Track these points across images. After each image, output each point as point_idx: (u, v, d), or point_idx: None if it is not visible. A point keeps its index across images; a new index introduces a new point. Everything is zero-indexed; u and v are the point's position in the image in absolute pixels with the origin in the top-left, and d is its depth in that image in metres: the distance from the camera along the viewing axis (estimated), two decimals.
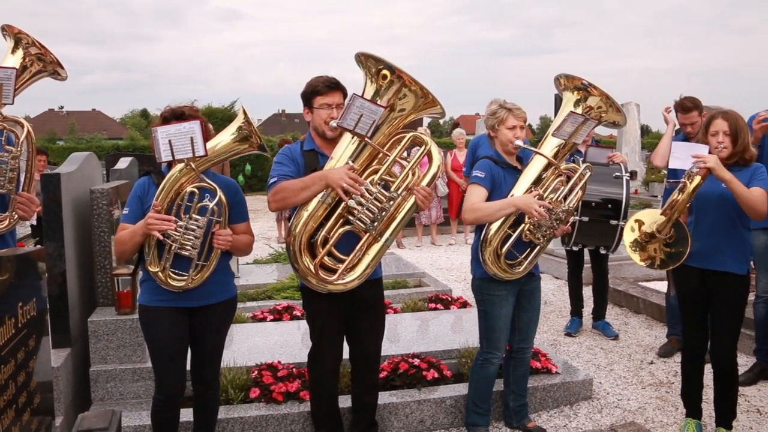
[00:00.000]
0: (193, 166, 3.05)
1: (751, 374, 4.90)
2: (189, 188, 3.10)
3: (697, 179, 3.56)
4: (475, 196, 3.70)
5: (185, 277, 3.13)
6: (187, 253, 3.10)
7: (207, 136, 3.10)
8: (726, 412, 3.85)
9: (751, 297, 4.80)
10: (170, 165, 3.14)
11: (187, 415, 3.62)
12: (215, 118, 19.68)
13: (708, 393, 3.99)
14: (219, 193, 3.13)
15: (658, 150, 5.40)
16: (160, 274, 3.11)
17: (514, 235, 3.67)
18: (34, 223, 7.22)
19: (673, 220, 3.73)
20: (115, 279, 4.22)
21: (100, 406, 4.02)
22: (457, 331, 5.23)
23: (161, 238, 3.04)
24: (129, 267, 4.15)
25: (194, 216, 3.10)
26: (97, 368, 4.15)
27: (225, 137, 3.19)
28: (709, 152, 3.61)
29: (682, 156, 3.65)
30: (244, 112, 3.15)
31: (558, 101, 8.37)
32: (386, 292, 5.43)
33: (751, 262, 3.99)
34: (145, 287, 3.27)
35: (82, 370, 4.27)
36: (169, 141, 2.99)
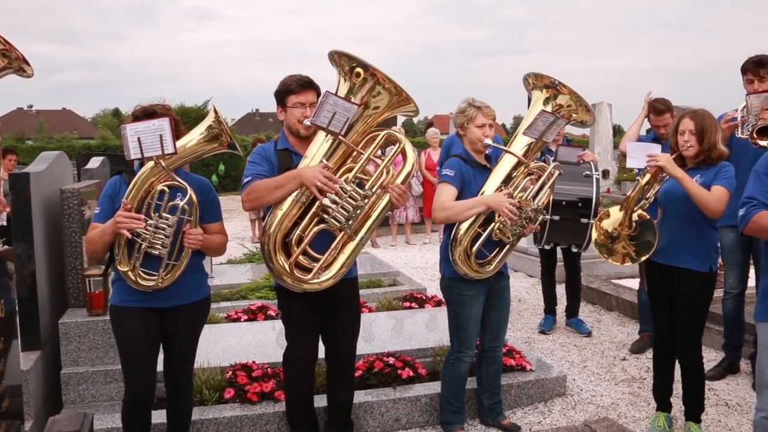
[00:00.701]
0: (163, 164, 3.02)
1: (719, 369, 4.98)
2: (159, 186, 3.07)
3: (648, 176, 3.73)
4: (445, 194, 3.70)
5: (155, 277, 3.10)
6: (157, 252, 3.07)
7: (178, 134, 3.08)
8: (695, 405, 3.92)
9: (720, 293, 4.89)
10: (143, 164, 3.11)
11: (160, 416, 3.59)
12: (188, 118, 19.48)
13: (678, 388, 4.05)
14: (190, 191, 3.10)
15: (626, 134, 5.61)
16: (129, 273, 3.08)
17: (484, 234, 3.68)
18: (4, 223, 7.09)
19: (630, 215, 3.85)
20: (87, 280, 4.16)
21: (71, 409, 3.96)
22: (432, 329, 5.24)
23: (130, 236, 3.01)
24: (100, 267, 4.11)
25: (164, 215, 3.06)
26: (68, 371, 4.09)
27: (195, 135, 3.16)
28: (674, 150, 3.71)
29: (638, 156, 3.87)
30: (215, 111, 3.14)
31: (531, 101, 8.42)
32: (361, 291, 5.43)
33: (720, 259, 4.06)
34: (116, 287, 3.24)
35: (53, 372, 4.21)
36: (138, 138, 2.96)
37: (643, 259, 3.90)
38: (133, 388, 3.22)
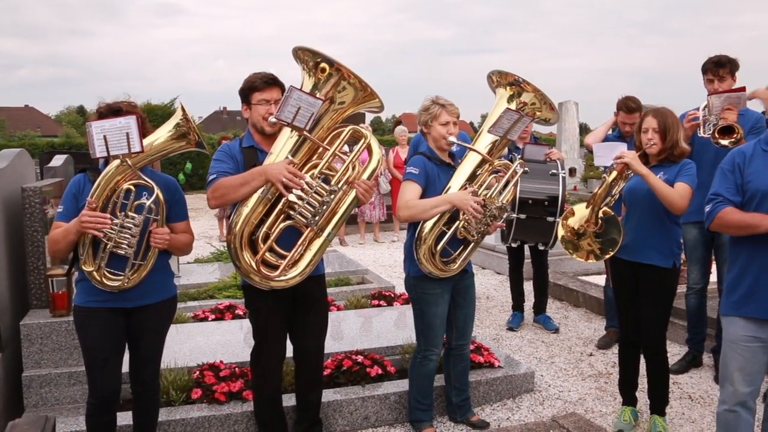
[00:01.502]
0: (129, 162, 2.98)
1: (683, 362, 5.07)
2: (125, 185, 3.02)
3: (614, 174, 3.78)
4: (410, 193, 3.69)
5: (121, 277, 3.05)
6: (123, 252, 3.02)
7: (144, 132, 3.04)
8: (659, 399, 3.98)
9: (683, 289, 4.98)
10: (107, 162, 3.06)
11: (126, 418, 3.55)
12: (155, 116, 19.28)
13: (643, 382, 4.12)
14: (156, 190, 3.06)
15: (593, 133, 5.71)
16: (95, 273, 3.02)
17: (449, 233, 3.69)
18: None
19: (596, 212, 3.89)
20: (50, 280, 4.09)
21: (33, 413, 3.89)
22: (401, 327, 5.25)
23: (99, 235, 2.96)
24: (64, 267, 4.03)
25: (130, 214, 3.02)
26: (30, 373, 4.01)
27: (162, 133, 3.12)
28: (638, 148, 3.79)
29: (604, 154, 3.96)
30: (183, 109, 3.10)
31: None
32: (329, 290, 5.41)
33: (682, 255, 4.13)
34: (80, 287, 3.18)
35: (14, 375, 4.12)
36: (104, 136, 2.91)
37: (607, 256, 3.95)
38: (97, 389, 3.16)
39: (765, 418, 3.18)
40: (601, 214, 3.91)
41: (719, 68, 4.63)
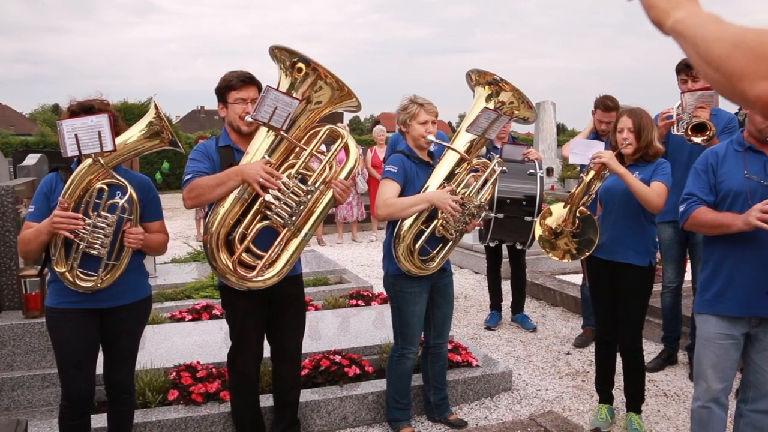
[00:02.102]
0: (101, 161, 2.94)
1: (659, 360, 5.12)
2: (98, 185, 2.99)
3: (592, 173, 3.80)
4: (388, 191, 3.69)
5: (94, 278, 3.01)
6: (96, 252, 2.98)
7: (117, 131, 3.00)
8: (635, 396, 4.01)
9: (659, 287, 5.03)
10: (80, 161, 3.01)
11: (101, 420, 3.50)
12: (131, 114, 19.06)
13: (620, 380, 4.15)
14: (130, 189, 3.02)
15: (576, 137, 5.70)
16: (67, 274, 2.98)
17: (428, 231, 3.69)
18: None
19: (574, 212, 3.90)
20: (22, 281, 4.03)
21: (5, 416, 3.83)
22: (379, 327, 5.25)
23: (70, 236, 2.91)
24: (36, 268, 3.97)
25: (103, 213, 2.98)
26: (2, 376, 3.95)
27: (135, 132, 3.09)
28: (614, 148, 3.81)
29: (581, 152, 3.96)
30: (156, 107, 3.07)
31: None
32: (307, 290, 5.39)
33: (658, 254, 4.17)
34: (52, 288, 3.13)
35: None
36: (76, 135, 2.87)
37: (583, 257, 3.98)
38: (71, 392, 3.11)
39: (737, 414, 3.23)
40: (578, 213, 3.94)
41: (692, 68, 4.69)
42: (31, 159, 5.89)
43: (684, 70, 4.72)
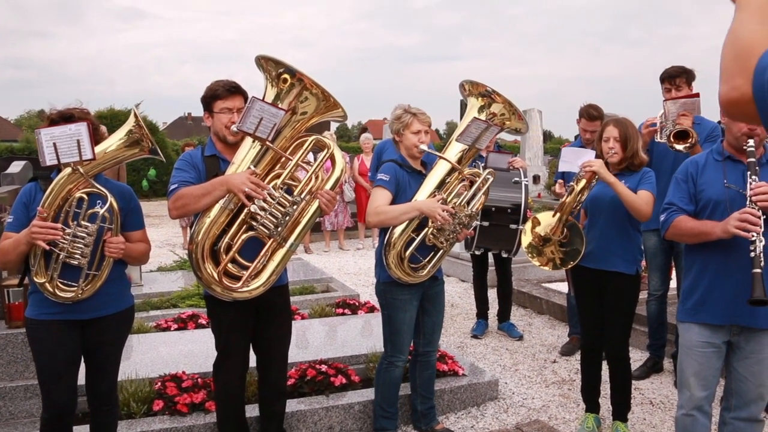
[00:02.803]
0: (81, 170, 2.91)
1: (644, 368, 5.14)
2: (78, 194, 2.96)
3: (583, 182, 3.80)
4: (380, 199, 3.71)
5: (75, 288, 2.98)
6: (76, 263, 2.95)
7: (97, 139, 2.98)
8: (622, 405, 4.02)
9: (644, 295, 5.05)
10: (60, 170, 2.99)
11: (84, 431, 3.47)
12: (117, 121, 18.93)
13: (606, 388, 4.16)
14: (110, 198, 2.99)
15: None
16: (47, 285, 2.95)
17: (418, 239, 3.70)
18: None
19: (564, 221, 3.90)
20: (5, 290, 3.99)
21: None
22: (366, 335, 5.23)
23: (47, 248, 2.88)
24: (18, 278, 3.93)
25: (83, 223, 2.95)
26: None
27: (114, 140, 3.07)
28: (599, 157, 3.82)
29: (571, 160, 3.94)
30: (135, 115, 3.05)
31: (463, 107, 8.56)
32: (293, 298, 5.36)
33: (643, 263, 4.19)
34: (32, 299, 3.09)
35: None
36: (54, 144, 2.85)
37: (566, 267, 3.98)
38: (52, 404, 3.07)
39: (720, 422, 3.24)
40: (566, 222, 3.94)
41: (675, 78, 4.76)
42: (16, 167, 5.84)
43: (668, 79, 4.78)
